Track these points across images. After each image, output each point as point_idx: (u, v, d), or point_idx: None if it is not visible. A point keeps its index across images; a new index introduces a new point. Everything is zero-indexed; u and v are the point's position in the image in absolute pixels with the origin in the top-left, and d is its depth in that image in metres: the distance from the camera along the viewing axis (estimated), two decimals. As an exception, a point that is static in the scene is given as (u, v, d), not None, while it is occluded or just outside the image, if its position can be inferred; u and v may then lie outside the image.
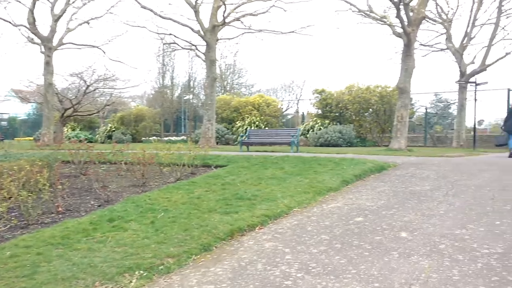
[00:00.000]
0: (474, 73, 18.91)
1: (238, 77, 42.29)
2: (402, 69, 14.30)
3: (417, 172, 8.41)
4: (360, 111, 22.47)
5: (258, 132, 18.58)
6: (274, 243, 4.60)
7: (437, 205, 5.84)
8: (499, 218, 5.06)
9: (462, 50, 19.40)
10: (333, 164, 9.04)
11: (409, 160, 10.40)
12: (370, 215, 5.50)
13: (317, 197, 6.63)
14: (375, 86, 22.90)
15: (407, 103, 14.46)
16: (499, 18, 18.88)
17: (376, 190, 7.06)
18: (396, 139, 14.31)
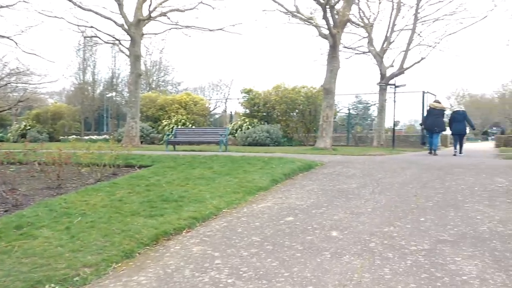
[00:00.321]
0: (393, 76, 19.91)
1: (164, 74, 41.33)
2: (328, 70, 14.63)
3: (343, 171, 8.55)
4: (287, 111, 22.76)
5: (185, 131, 18.13)
6: (202, 247, 4.35)
7: (364, 203, 5.91)
8: (423, 215, 5.20)
9: (382, 53, 20.34)
10: (263, 163, 8.95)
11: (335, 158, 10.61)
12: (300, 214, 5.43)
13: (247, 197, 6.46)
14: (301, 86, 23.33)
15: (332, 104, 14.83)
16: (415, 24, 20.05)
17: (305, 188, 7.04)
18: (322, 139, 14.60)
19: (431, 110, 13.69)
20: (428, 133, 14.10)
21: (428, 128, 13.90)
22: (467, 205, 5.59)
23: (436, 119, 13.43)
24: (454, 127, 13.64)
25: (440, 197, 6.09)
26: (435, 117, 13.44)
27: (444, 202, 5.80)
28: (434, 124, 13.47)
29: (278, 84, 23.33)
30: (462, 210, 5.37)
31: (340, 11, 14.68)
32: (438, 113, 13.53)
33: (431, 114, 13.63)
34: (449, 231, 4.57)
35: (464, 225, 4.75)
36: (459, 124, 13.52)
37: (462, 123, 13.53)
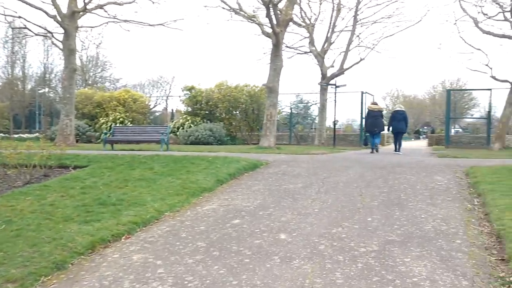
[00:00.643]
0: (334, 76, 20.26)
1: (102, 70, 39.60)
2: (271, 68, 14.57)
3: (288, 170, 8.48)
4: (230, 110, 22.58)
5: (124, 129, 17.37)
6: (143, 254, 4.03)
7: (311, 203, 5.82)
8: (370, 214, 5.19)
9: (323, 53, 20.64)
10: (207, 163, 8.67)
11: (280, 158, 10.54)
12: (247, 217, 5.23)
13: (190, 199, 6.18)
14: (244, 85, 23.24)
15: (275, 102, 14.80)
16: (354, 26, 20.54)
17: (252, 189, 6.87)
18: (265, 137, 14.53)
19: (370, 112, 14.19)
20: (369, 133, 14.55)
21: (368, 129, 14.37)
22: (411, 204, 5.66)
23: (375, 120, 13.90)
24: (393, 125, 14.09)
25: (385, 196, 6.14)
26: (374, 119, 13.93)
27: (389, 201, 5.85)
28: (374, 125, 13.95)
29: (220, 82, 23.09)
30: (407, 209, 5.42)
31: (283, 10, 14.68)
32: (377, 114, 14.01)
33: (370, 116, 14.11)
34: (396, 231, 4.56)
35: (410, 224, 4.78)
36: (398, 123, 13.94)
37: (401, 122, 13.96)
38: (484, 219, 5.00)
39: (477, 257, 3.83)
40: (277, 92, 14.78)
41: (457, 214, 5.18)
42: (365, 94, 22.22)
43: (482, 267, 3.61)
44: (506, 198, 5.37)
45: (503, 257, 3.79)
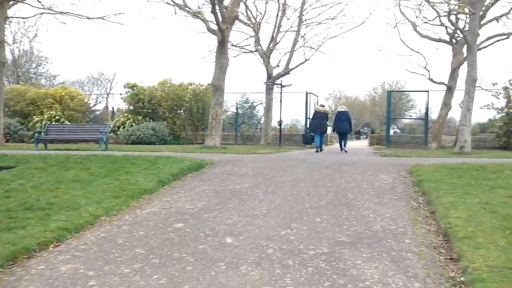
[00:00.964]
0: (280, 76, 20.26)
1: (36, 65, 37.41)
2: (217, 66, 14.26)
3: (235, 170, 8.22)
4: (174, 108, 22.00)
5: (60, 127, 16.30)
6: (73, 264, 3.61)
7: (258, 204, 5.60)
8: (318, 215, 5.04)
9: (269, 53, 20.59)
10: (148, 163, 8.22)
11: (226, 157, 10.26)
12: (191, 220, 4.91)
13: (129, 201, 5.75)
14: (189, 83, 22.74)
15: (221, 101, 14.51)
16: (299, 26, 20.65)
17: (196, 190, 6.54)
18: (211, 137, 14.18)
19: (316, 113, 14.79)
20: (314, 133, 14.99)
21: (313, 129, 14.96)
22: (359, 203, 5.58)
23: (320, 121, 14.43)
24: (338, 126, 14.70)
25: (332, 195, 6.04)
26: (319, 120, 14.45)
27: (337, 200, 5.74)
28: (318, 126, 14.49)
29: (164, 79, 22.44)
30: (355, 208, 5.33)
31: (228, 7, 14.41)
32: (322, 116, 14.57)
33: (316, 117, 14.67)
34: (345, 231, 4.43)
35: (359, 224, 4.67)
36: (343, 124, 14.55)
37: (345, 122, 14.59)
38: (430, 218, 4.99)
39: (427, 257, 3.76)
40: (223, 91, 14.49)
41: (404, 213, 5.15)
42: (309, 94, 22.46)
43: (433, 267, 3.53)
44: (449, 196, 5.42)
45: (451, 256, 3.75)
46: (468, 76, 12.33)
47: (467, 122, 12.33)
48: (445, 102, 18.52)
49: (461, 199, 5.26)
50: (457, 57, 18.21)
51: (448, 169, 7.30)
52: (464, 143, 12.22)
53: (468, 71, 12.34)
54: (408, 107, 52.23)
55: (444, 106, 18.53)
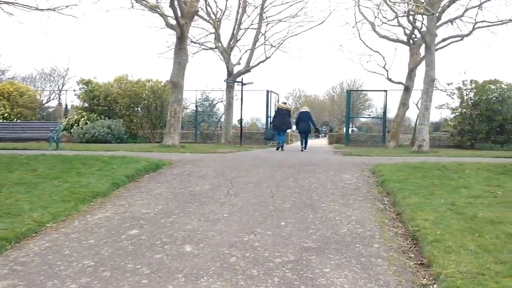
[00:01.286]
0: (240, 74, 19.98)
1: (-18, 60, 35.28)
2: (175, 62, 13.78)
3: (194, 170, 7.87)
4: (131, 106, 21.27)
5: (7, 125, 15.35)
6: (11, 280, 3.21)
7: (220, 207, 5.30)
8: (283, 218, 4.80)
9: (229, 50, 20.25)
10: (102, 163, 7.74)
11: (185, 157, 9.87)
12: (147, 226, 4.56)
13: (80, 206, 5.31)
14: (146, 79, 22.09)
15: (180, 98, 14.02)
16: (260, 24, 20.43)
17: (153, 192, 6.16)
18: (169, 135, 13.70)
19: (279, 111, 14.88)
20: (276, 131, 15.02)
21: (276, 126, 14.87)
22: (324, 205, 5.40)
23: (283, 119, 14.58)
24: (300, 125, 14.98)
25: (296, 197, 5.83)
26: (282, 117, 14.58)
27: (301, 202, 5.54)
28: (281, 123, 14.59)
29: (120, 75, 21.67)
30: (320, 210, 5.13)
31: (188, 2, 13.97)
32: (285, 113, 14.71)
33: (279, 114, 14.74)
34: (311, 236, 4.21)
35: (325, 228, 4.47)
36: (304, 123, 14.84)
37: (307, 122, 14.89)
38: (397, 220, 4.87)
39: (396, 262, 3.60)
40: (182, 88, 14.03)
41: (370, 215, 5.00)
42: (270, 93, 22.34)
43: (404, 273, 3.37)
44: (415, 197, 5.33)
45: (422, 261, 3.60)
46: (427, 76, 12.51)
47: (426, 121, 12.51)
48: (402, 101, 18.86)
49: (427, 199, 5.18)
50: (414, 57, 18.56)
51: (411, 169, 7.27)
52: (423, 142, 12.39)
53: (426, 71, 12.52)
54: (366, 106, 53.24)
55: (402, 105, 18.86)
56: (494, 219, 4.29)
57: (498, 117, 18.39)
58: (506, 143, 18.92)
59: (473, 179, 6.35)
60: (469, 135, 19.21)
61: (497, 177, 6.53)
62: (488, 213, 4.54)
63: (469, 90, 19.59)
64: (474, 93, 19.22)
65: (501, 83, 19.28)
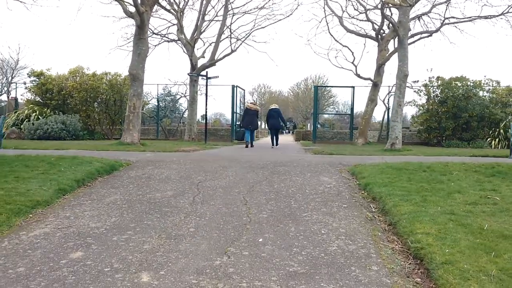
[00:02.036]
0: (205, 67, 19.09)
1: None
2: (134, 53, 12.74)
3: (155, 172, 7.00)
4: (88, 100, 19.98)
5: None
6: None
7: (185, 219, 4.50)
8: (260, 233, 4.06)
9: (193, 42, 19.28)
10: (47, 165, 6.76)
11: (145, 156, 8.96)
12: (94, 245, 3.71)
13: (14, 219, 4.38)
14: (104, 72, 20.86)
15: (140, 92, 12.98)
16: (225, 15, 19.59)
17: (105, 200, 5.28)
18: (128, 132, 12.68)
19: (247, 110, 15.35)
20: (245, 129, 15.42)
21: (244, 125, 15.34)
22: (305, 214, 4.70)
23: (251, 118, 15.09)
24: (270, 122, 15.48)
25: (273, 204, 5.10)
26: (250, 116, 15.09)
27: (280, 211, 4.82)
28: (249, 123, 15.09)
29: (76, 68, 20.29)
30: (302, 222, 4.43)
31: (149, -12, 12.97)
32: (253, 113, 15.18)
33: (247, 114, 15.23)
34: (297, 256, 3.50)
35: (312, 245, 3.76)
36: (274, 120, 15.35)
37: (277, 119, 15.41)
38: (390, 232, 4.24)
39: (404, 291, 2.93)
40: (142, 81, 13.01)
41: (359, 226, 4.35)
42: (236, 88, 21.59)
43: (416, 308, 2.71)
44: (407, 204, 4.72)
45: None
46: (399, 71, 12.07)
47: (399, 118, 12.08)
48: (371, 98, 18.53)
49: (421, 207, 4.58)
50: (382, 53, 18.25)
51: (394, 170, 6.70)
52: (395, 139, 11.96)
53: (399, 66, 12.08)
54: (330, 103, 53.29)
55: (370, 102, 18.53)
56: (506, 233, 3.71)
57: (464, 114, 18.37)
58: (472, 140, 18.98)
59: (464, 182, 5.83)
60: (436, 132, 19.16)
61: (489, 180, 6.04)
62: (495, 225, 3.98)
63: (435, 87, 19.54)
64: (440, 90, 19.16)
65: (467, 80, 19.30)
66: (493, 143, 18.20)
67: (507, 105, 19.08)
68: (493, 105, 18.72)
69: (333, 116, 47.64)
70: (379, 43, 18.49)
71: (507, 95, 19.36)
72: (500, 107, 18.97)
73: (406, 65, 12.00)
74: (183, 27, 19.26)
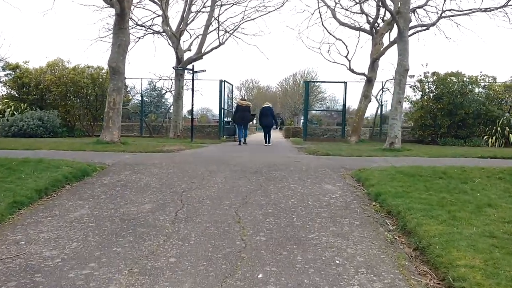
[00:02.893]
0: (191, 61, 18.13)
1: None
2: (115, 44, 11.73)
3: (133, 179, 6.10)
4: (67, 95, 18.89)
5: None
6: None
7: (164, 243, 3.63)
8: (260, 264, 3.21)
9: (179, 35, 18.30)
10: (6, 171, 5.81)
11: (123, 158, 8.03)
12: (43, 286, 2.82)
13: None
14: (86, 66, 19.77)
15: (120, 86, 11.97)
16: (213, 6, 18.64)
17: (69, 216, 4.37)
18: (107, 130, 11.70)
19: (239, 107, 15.59)
20: (237, 125, 15.87)
21: (237, 121, 15.72)
22: (312, 236, 3.86)
23: (243, 114, 15.30)
24: (262, 120, 15.99)
25: (272, 222, 4.25)
26: (242, 112, 15.32)
27: (281, 231, 3.98)
28: (242, 118, 15.36)
29: (54, 60, 19.17)
30: (310, 247, 3.59)
31: (130, -26, 11.98)
32: (245, 109, 15.39)
33: (239, 110, 15.45)
34: (310, 302, 2.67)
35: (327, 283, 2.93)
36: (267, 118, 15.85)
37: (270, 117, 15.89)
38: (418, 259, 3.43)
39: None
40: (123, 74, 12.01)
41: (380, 252, 3.53)
42: (224, 82, 20.69)
43: None
44: (434, 223, 3.92)
45: None
46: (399, 65, 11.26)
47: (398, 115, 11.29)
48: (365, 94, 17.79)
49: (453, 227, 3.78)
50: (376, 47, 17.51)
51: (406, 177, 5.89)
52: (395, 138, 11.18)
53: (399, 60, 11.28)
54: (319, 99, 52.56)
55: (364, 98, 17.79)
56: None
57: (460, 111, 17.73)
58: (468, 138, 18.38)
59: (491, 193, 5.06)
60: (431, 129, 18.51)
61: (518, 189, 5.28)
62: (552, 253, 3.19)
63: (430, 83, 18.87)
64: (435, 86, 18.50)
65: (463, 76, 18.67)
66: (490, 141, 17.61)
67: (503, 102, 18.52)
68: (489, 101, 18.11)
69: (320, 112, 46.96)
70: (373, 37, 17.73)
71: (504, 92, 18.80)
72: (497, 104, 18.41)
73: (406, 59, 11.20)
74: (168, 18, 18.28)
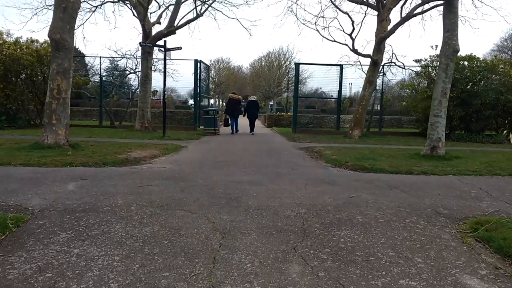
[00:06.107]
0: (161, 36, 14.87)
1: None
2: (58, 8, 8.34)
3: (74, 254, 3.08)
4: (7, 75, 15.30)
5: None
6: None
7: None
8: None
9: (146, 4, 14.92)
10: None
11: (64, 191, 4.92)
12: None
13: None
14: (31, 40, 16.24)
15: (67, 68, 8.61)
16: (188, -29, 15.34)
17: None
18: (50, 128, 8.43)
19: (231, 100, 16.97)
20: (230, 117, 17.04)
21: (229, 113, 16.96)
22: None
23: (235, 107, 16.78)
24: (249, 112, 17.40)
25: None
26: (234, 105, 16.71)
27: None
28: (233, 110, 16.80)
29: (-12, 33, 15.50)
30: None
31: None
32: (236, 102, 16.82)
33: (231, 103, 16.78)
34: None
35: None
36: (253, 110, 17.38)
37: (255, 109, 17.53)
38: None
39: None
40: (71, 50, 8.71)
41: None
42: (199, 63, 17.64)
43: None
44: None
45: None
46: (445, 46, 8.48)
47: (443, 112, 8.55)
48: (369, 79, 15.07)
49: None
50: (383, 24, 14.79)
51: None
52: (438, 142, 8.51)
53: (445, 38, 8.51)
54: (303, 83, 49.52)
55: (369, 84, 15.09)
56: None
57: (475, 101, 15.37)
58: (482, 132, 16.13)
59: None
60: (440, 121, 16.12)
61: None
62: None
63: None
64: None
65: (477, 60, 16.28)
66: (511, 135, 15.42)
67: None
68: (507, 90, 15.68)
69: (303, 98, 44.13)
70: (379, 12, 14.96)
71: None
72: (517, 93, 16.03)
73: (456, 37, 8.44)
74: (132, -17, 14.88)
